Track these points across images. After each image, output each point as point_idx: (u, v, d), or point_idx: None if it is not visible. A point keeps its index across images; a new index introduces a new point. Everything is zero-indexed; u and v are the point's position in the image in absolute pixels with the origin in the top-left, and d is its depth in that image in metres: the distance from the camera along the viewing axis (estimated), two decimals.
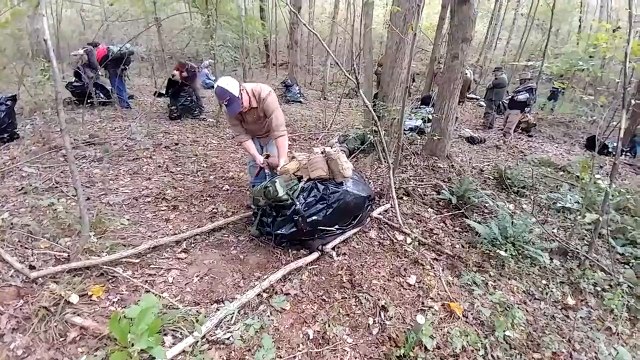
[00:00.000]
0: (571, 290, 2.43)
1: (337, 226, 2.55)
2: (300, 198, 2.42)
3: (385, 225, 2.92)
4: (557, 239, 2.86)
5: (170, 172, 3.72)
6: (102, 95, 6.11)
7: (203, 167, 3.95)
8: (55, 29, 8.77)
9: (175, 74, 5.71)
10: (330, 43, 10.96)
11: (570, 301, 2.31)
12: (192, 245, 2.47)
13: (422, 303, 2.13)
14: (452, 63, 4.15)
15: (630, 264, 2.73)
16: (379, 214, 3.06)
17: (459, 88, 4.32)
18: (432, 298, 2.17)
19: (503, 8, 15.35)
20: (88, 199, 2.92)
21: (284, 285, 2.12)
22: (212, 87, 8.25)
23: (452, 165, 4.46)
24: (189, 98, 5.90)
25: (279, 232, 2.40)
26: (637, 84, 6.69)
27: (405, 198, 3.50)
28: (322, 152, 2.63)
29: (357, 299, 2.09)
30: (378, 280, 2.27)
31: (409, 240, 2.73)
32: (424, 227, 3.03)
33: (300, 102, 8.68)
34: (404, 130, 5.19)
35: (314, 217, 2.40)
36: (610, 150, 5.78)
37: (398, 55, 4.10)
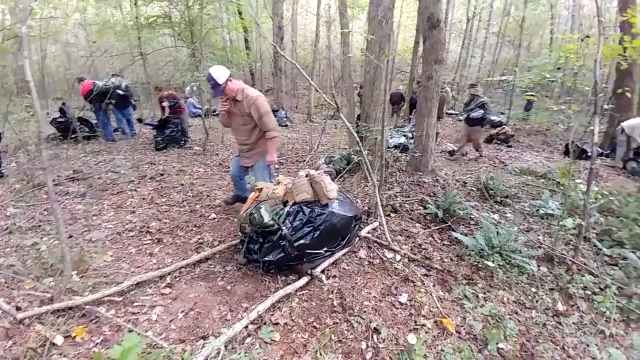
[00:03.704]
0: (561, 296, 2.43)
1: (325, 248, 2.54)
2: (286, 223, 2.42)
3: (375, 244, 2.92)
4: (543, 245, 2.91)
5: (155, 203, 3.69)
6: (86, 129, 6.12)
7: (189, 196, 3.93)
8: (40, 64, 8.84)
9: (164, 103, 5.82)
10: (313, 69, 11.34)
11: (561, 307, 2.31)
12: (177, 279, 2.41)
13: (415, 322, 2.10)
14: (428, 83, 4.35)
15: (619, 265, 2.76)
16: (368, 232, 3.06)
17: (436, 106, 4.51)
18: (424, 315, 2.15)
19: (474, 28, 16.33)
20: (71, 236, 2.85)
21: (272, 315, 2.07)
22: (199, 115, 8.36)
23: (437, 180, 4.55)
24: (176, 129, 5.96)
25: (266, 258, 2.37)
26: (613, 88, 7.00)
27: (393, 215, 3.53)
28: (306, 176, 2.67)
29: (348, 323, 2.05)
30: (369, 301, 2.25)
31: (398, 257, 2.74)
32: (413, 242, 3.05)
33: (287, 125, 8.85)
34: (389, 147, 5.30)
35: (301, 241, 2.39)
36: (589, 154, 6.00)
37: (376, 79, 4.29)
